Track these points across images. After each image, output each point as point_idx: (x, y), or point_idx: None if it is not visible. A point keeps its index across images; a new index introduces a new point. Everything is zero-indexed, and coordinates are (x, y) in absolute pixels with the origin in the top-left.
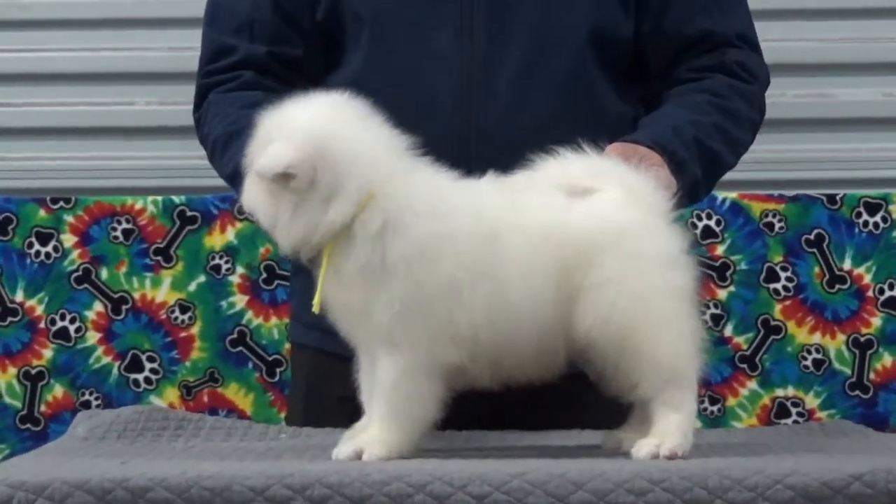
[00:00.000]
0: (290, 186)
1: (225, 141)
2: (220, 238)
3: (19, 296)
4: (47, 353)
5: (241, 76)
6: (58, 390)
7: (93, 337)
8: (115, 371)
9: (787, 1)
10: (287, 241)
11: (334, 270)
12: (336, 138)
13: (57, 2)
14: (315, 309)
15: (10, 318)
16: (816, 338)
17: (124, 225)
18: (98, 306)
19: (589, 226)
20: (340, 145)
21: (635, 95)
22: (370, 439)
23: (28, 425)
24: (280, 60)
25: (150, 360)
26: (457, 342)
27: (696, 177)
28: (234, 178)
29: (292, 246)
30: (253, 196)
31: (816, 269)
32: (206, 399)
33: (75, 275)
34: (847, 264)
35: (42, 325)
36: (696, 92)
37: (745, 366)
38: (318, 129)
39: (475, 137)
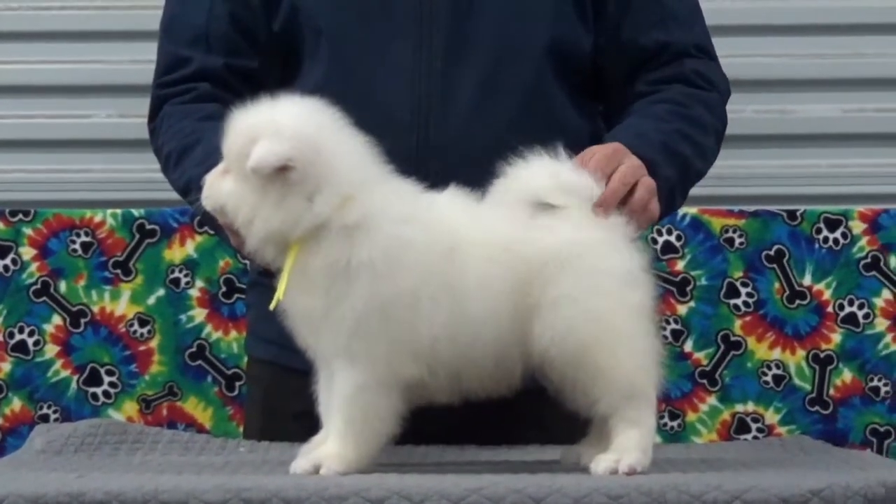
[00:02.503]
0: (283, 179)
1: (179, 153)
2: (179, 251)
3: None
4: (5, 367)
5: (196, 88)
6: (16, 404)
7: (51, 350)
8: (73, 384)
9: (746, 17)
10: (262, 234)
11: (299, 270)
12: (325, 136)
13: (15, 14)
14: (272, 306)
15: None
16: (776, 353)
17: (83, 238)
18: (56, 319)
19: (549, 242)
20: (329, 143)
21: (594, 110)
22: (328, 453)
23: None
24: (236, 73)
25: (109, 373)
26: (415, 355)
27: (670, 179)
28: (189, 189)
29: (265, 239)
30: (227, 191)
31: (776, 285)
32: (164, 413)
33: (34, 288)
34: (807, 280)
35: (0, 338)
36: (655, 103)
37: (704, 381)
38: (307, 125)
39: (433, 150)
